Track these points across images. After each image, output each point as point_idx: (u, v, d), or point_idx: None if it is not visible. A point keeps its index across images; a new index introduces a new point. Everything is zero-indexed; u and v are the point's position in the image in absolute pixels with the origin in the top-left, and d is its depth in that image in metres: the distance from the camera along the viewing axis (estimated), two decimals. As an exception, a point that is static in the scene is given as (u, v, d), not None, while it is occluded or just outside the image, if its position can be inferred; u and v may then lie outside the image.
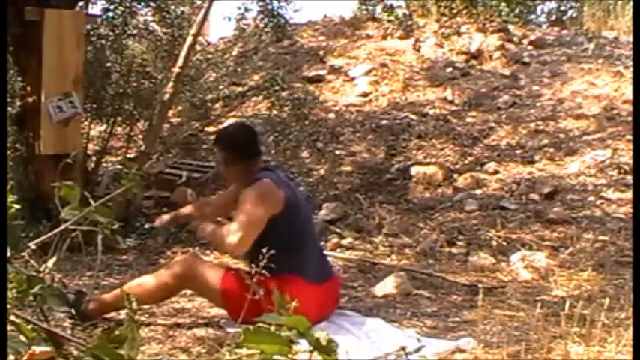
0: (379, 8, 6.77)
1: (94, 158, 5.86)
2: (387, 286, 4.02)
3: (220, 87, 7.17)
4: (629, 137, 5.94)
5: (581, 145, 6.07)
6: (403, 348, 2.90)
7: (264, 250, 2.98)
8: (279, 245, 3.10)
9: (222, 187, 6.04)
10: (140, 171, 3.70)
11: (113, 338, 1.53)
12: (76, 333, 3.02)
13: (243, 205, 3.39)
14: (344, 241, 5.03)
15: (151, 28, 6.13)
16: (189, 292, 3.93)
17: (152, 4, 6.05)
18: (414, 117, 6.83)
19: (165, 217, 3.85)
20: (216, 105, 7.27)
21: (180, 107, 6.88)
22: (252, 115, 7.10)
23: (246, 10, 6.77)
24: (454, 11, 6.59)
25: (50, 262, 1.87)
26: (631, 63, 7.13)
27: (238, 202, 3.43)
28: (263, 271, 2.93)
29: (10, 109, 4.99)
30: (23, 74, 4.95)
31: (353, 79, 7.60)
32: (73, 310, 3.33)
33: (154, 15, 6.11)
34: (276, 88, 6.18)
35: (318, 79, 7.63)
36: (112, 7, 5.81)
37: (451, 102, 7.08)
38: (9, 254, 1.65)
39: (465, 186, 5.70)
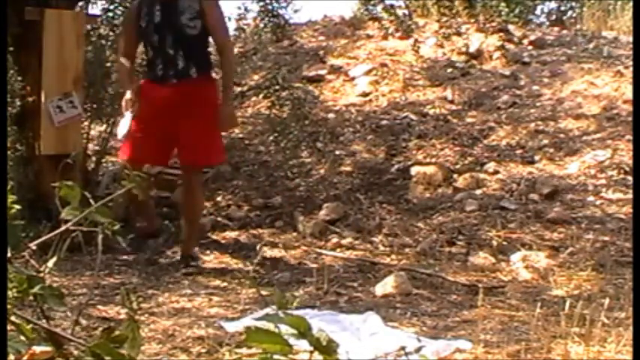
0: (379, 8, 6.77)
1: (94, 158, 5.86)
2: (386, 286, 4.02)
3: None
4: (629, 137, 5.94)
5: (581, 145, 6.07)
6: (403, 348, 2.90)
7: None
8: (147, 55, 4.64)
9: (223, 187, 6.04)
10: (140, 171, 3.70)
11: (114, 338, 1.53)
12: (76, 333, 3.02)
13: None
14: (344, 241, 5.03)
15: (151, 28, 6.12)
16: (189, 291, 3.94)
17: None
18: (414, 117, 6.83)
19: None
20: (216, 105, 7.25)
21: (180, 107, 6.86)
22: (252, 114, 7.10)
23: (246, 10, 6.76)
24: (454, 11, 6.59)
25: (50, 262, 1.87)
26: (631, 63, 7.12)
27: None
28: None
29: (10, 109, 4.99)
30: (23, 74, 4.94)
31: (353, 79, 7.58)
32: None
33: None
34: (277, 87, 6.17)
35: (318, 79, 7.62)
36: (112, 7, 5.81)
37: (451, 102, 7.08)
38: (9, 254, 1.65)
39: (464, 186, 5.70)
